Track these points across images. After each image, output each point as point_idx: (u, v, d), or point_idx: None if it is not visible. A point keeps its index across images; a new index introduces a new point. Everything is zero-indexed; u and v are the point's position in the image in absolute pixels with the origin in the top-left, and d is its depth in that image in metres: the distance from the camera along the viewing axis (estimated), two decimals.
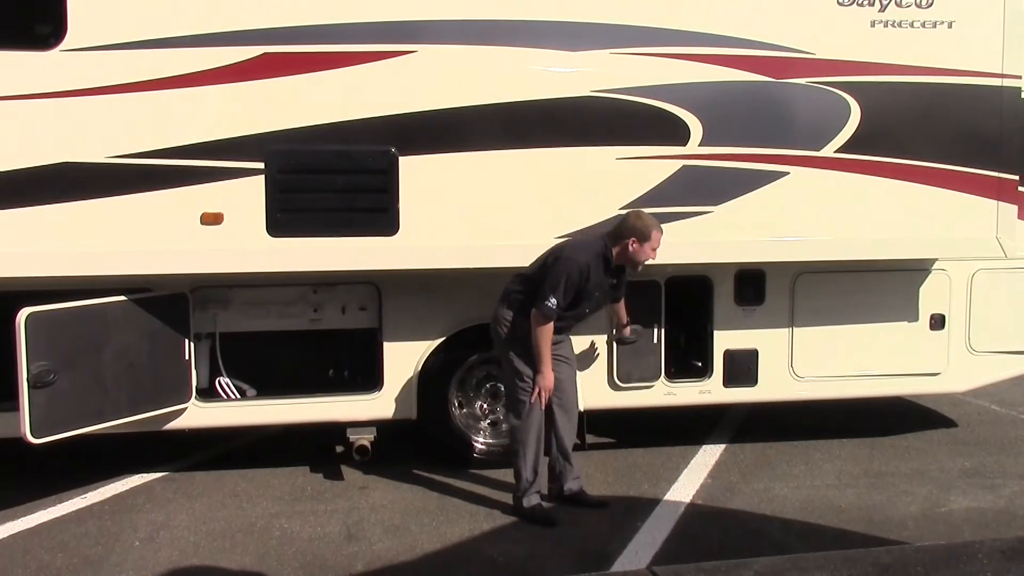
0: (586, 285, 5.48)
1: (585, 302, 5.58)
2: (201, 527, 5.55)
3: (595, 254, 5.53)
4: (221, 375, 6.24)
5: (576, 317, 5.68)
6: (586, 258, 5.48)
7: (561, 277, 5.41)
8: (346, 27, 5.72)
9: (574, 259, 5.46)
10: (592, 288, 5.53)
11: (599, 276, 5.54)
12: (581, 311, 5.65)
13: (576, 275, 5.43)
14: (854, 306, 6.82)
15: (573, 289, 5.44)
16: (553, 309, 5.40)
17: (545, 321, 5.43)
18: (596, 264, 5.51)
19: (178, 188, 5.59)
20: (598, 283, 5.55)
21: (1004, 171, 6.48)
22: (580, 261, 5.45)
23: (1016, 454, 7.00)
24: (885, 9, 6.27)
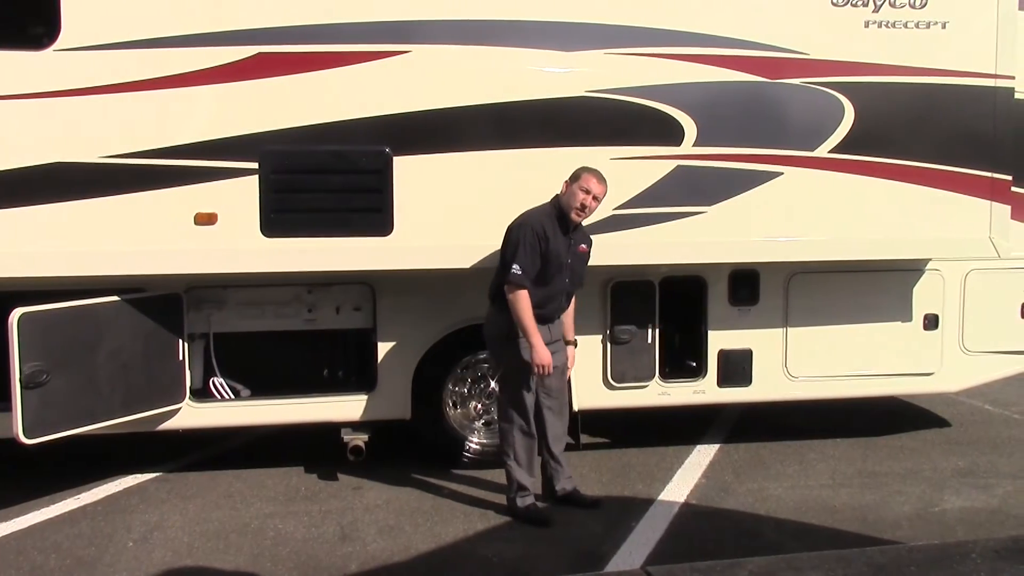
0: (548, 247, 5.44)
1: (557, 271, 5.52)
2: (195, 528, 5.54)
3: (545, 214, 5.52)
4: (215, 375, 6.23)
5: (558, 292, 5.60)
6: (537, 220, 5.48)
7: (517, 243, 5.40)
8: (341, 27, 5.71)
9: (525, 223, 5.46)
10: (556, 252, 5.48)
11: (557, 236, 5.49)
12: (560, 283, 5.58)
13: (531, 236, 5.40)
14: (848, 306, 6.83)
15: (535, 252, 5.41)
16: (520, 275, 5.37)
17: (517, 289, 5.38)
18: (550, 224, 5.48)
19: (172, 188, 5.58)
20: (559, 245, 5.50)
21: (997, 171, 6.49)
22: (532, 224, 5.45)
23: (1009, 454, 7.01)
24: (879, 9, 6.28)
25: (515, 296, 5.40)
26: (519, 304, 5.39)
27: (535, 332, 5.41)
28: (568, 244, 5.57)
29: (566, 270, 5.59)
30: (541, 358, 5.42)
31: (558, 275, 5.55)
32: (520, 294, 5.39)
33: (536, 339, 5.41)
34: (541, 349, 5.42)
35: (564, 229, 5.54)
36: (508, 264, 5.42)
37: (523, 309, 5.40)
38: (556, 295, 5.61)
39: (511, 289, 5.40)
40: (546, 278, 5.51)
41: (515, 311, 5.41)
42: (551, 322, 5.65)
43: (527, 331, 5.41)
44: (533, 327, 5.41)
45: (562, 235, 5.53)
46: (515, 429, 5.64)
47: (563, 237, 5.54)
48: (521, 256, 5.39)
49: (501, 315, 5.56)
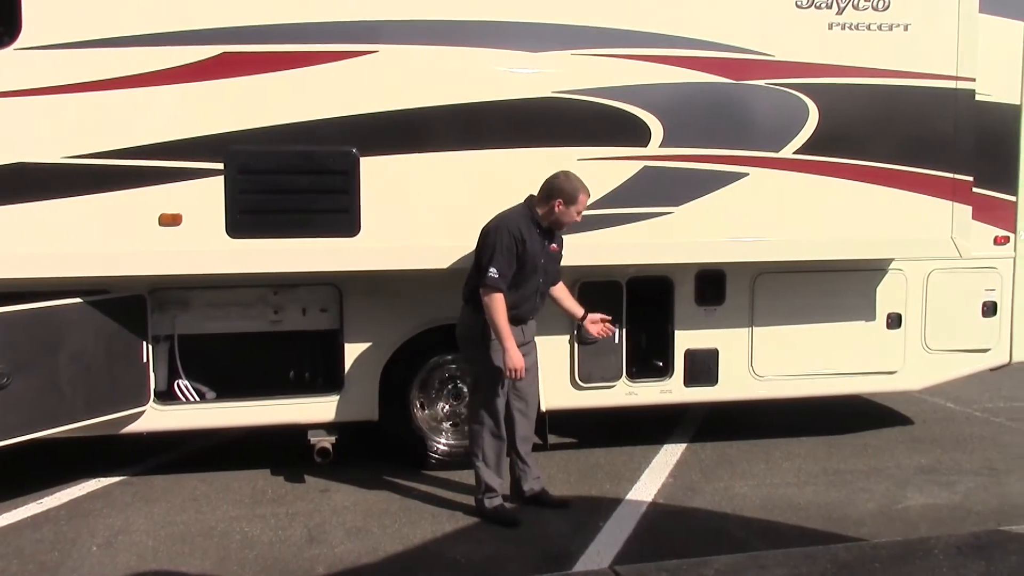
0: (525, 250, 5.43)
1: (532, 273, 5.51)
2: (160, 531, 5.48)
3: (521, 216, 5.50)
4: (180, 378, 6.18)
5: (531, 293, 5.58)
6: (514, 222, 5.45)
7: (494, 246, 5.37)
8: (307, 27, 5.68)
9: (501, 226, 5.43)
10: (532, 253, 5.47)
11: (533, 239, 5.48)
12: (534, 284, 5.57)
13: (508, 239, 5.38)
14: (813, 306, 6.89)
15: (512, 256, 5.39)
16: (496, 279, 5.34)
17: (492, 292, 5.35)
18: (526, 226, 5.47)
19: (136, 189, 5.52)
20: (535, 247, 5.49)
21: (959, 172, 6.57)
22: (508, 226, 5.42)
23: (971, 451, 7.11)
24: (843, 12, 6.34)
25: (491, 300, 5.37)
26: (495, 308, 5.37)
27: (509, 336, 5.39)
28: (543, 245, 5.57)
29: (540, 270, 5.59)
30: (514, 362, 5.39)
31: (533, 276, 5.55)
32: (496, 297, 5.37)
33: (510, 343, 5.39)
34: (515, 353, 5.40)
35: (539, 231, 5.54)
36: (484, 267, 5.39)
37: (498, 313, 5.37)
38: (530, 296, 5.61)
39: (487, 292, 5.37)
40: (521, 280, 5.50)
41: (490, 315, 5.39)
42: (524, 323, 5.64)
43: (501, 335, 5.39)
44: (508, 331, 5.39)
45: (537, 236, 5.52)
46: (485, 430, 5.64)
47: (538, 238, 5.53)
48: (497, 259, 5.36)
49: (474, 316, 5.55)
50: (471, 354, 5.71)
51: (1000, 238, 7.17)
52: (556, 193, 5.49)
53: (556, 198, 5.49)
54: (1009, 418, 8.00)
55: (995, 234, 7.14)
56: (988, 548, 4.85)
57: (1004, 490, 6.26)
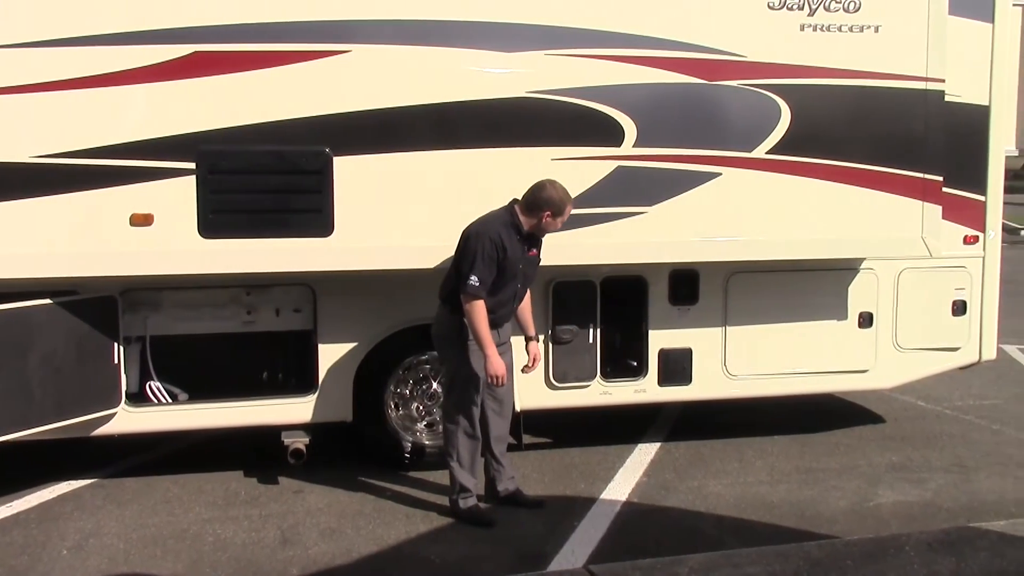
0: (505, 256, 5.41)
1: (511, 278, 5.50)
2: (131, 534, 5.44)
3: (503, 223, 5.47)
4: (152, 379, 6.13)
5: (509, 298, 5.58)
6: (495, 228, 5.42)
7: (475, 253, 5.34)
8: (279, 26, 5.65)
9: (483, 232, 5.40)
10: (513, 259, 5.45)
11: (514, 245, 5.46)
12: (512, 289, 5.56)
13: (489, 247, 5.35)
14: (785, 305, 6.94)
15: (492, 263, 5.36)
16: (477, 287, 5.32)
17: (473, 300, 5.33)
18: (508, 233, 5.44)
19: (106, 189, 5.47)
20: (516, 253, 5.47)
21: (929, 172, 6.63)
22: (490, 233, 5.39)
23: (941, 448, 7.18)
24: (814, 13, 6.38)
25: (472, 307, 5.35)
26: (476, 315, 5.34)
27: (491, 344, 5.38)
28: (523, 250, 5.55)
29: (520, 276, 5.58)
30: (496, 369, 5.38)
31: (512, 281, 5.53)
32: (477, 305, 5.34)
33: (492, 350, 5.37)
34: (496, 360, 5.38)
35: (520, 237, 5.51)
36: (465, 274, 5.35)
37: (480, 320, 5.35)
38: (508, 300, 5.60)
39: (467, 300, 5.34)
40: (500, 285, 5.47)
41: (471, 322, 5.37)
42: (500, 326, 5.63)
43: (483, 343, 5.37)
44: (489, 339, 5.37)
45: (518, 243, 5.50)
46: (460, 431, 5.63)
47: (519, 244, 5.50)
48: (478, 267, 5.33)
49: (451, 317, 5.53)
50: (447, 354, 5.70)
51: (969, 237, 7.24)
52: (545, 205, 5.47)
53: (545, 209, 5.47)
54: (978, 416, 8.08)
55: (964, 233, 7.22)
56: (958, 544, 4.91)
57: (974, 487, 6.33)
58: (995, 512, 5.79)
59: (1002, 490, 6.26)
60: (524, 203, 5.53)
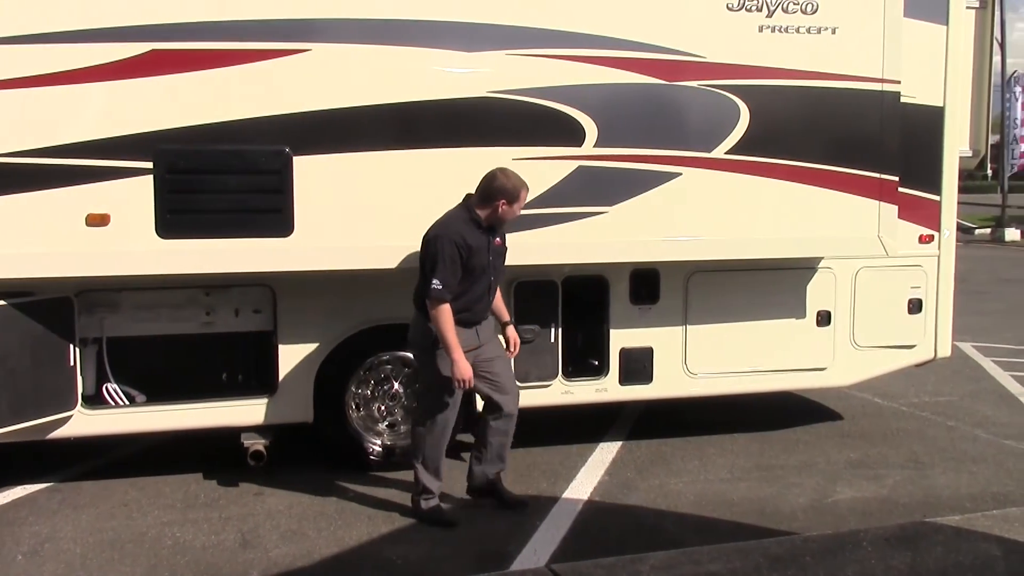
0: (471, 254, 5.37)
1: (481, 274, 5.45)
2: (88, 538, 5.37)
3: (462, 221, 5.43)
4: (109, 381, 6.05)
5: (483, 292, 5.52)
6: (455, 228, 5.38)
7: (437, 256, 5.30)
8: (238, 24, 5.60)
9: (443, 234, 5.36)
10: (479, 254, 5.41)
11: (478, 240, 5.42)
12: (484, 283, 5.51)
13: (450, 248, 5.31)
14: (745, 304, 6.99)
15: (456, 264, 5.32)
16: (441, 290, 5.28)
17: (438, 304, 5.28)
18: (468, 230, 5.40)
19: (61, 188, 5.40)
20: (480, 247, 5.43)
21: (885, 172, 6.72)
22: (450, 233, 5.35)
23: (898, 445, 7.27)
24: (772, 15, 6.44)
25: (437, 312, 5.30)
26: (441, 319, 5.30)
27: (457, 348, 5.32)
28: (488, 242, 5.50)
29: (490, 268, 5.53)
30: (462, 372, 5.33)
31: (483, 276, 5.49)
32: (442, 309, 5.30)
33: (458, 354, 5.32)
34: (463, 365, 5.33)
35: (481, 230, 5.47)
36: (428, 278, 5.31)
37: (445, 324, 5.30)
38: (482, 295, 5.54)
39: (433, 304, 5.30)
40: (472, 282, 5.43)
41: (437, 326, 5.32)
42: (479, 324, 5.57)
43: (449, 347, 5.31)
44: (455, 342, 5.32)
45: (481, 236, 5.45)
46: (429, 435, 5.60)
47: (482, 237, 5.46)
48: (441, 270, 5.29)
49: (425, 323, 5.45)
50: (421, 360, 5.65)
51: (925, 236, 7.35)
52: (498, 194, 5.45)
53: (499, 198, 5.44)
54: (934, 412, 8.20)
55: (920, 233, 7.32)
56: (914, 539, 4.97)
57: (929, 483, 6.42)
58: (950, 507, 5.87)
59: (957, 485, 6.36)
60: (477, 196, 5.50)
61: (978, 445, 7.27)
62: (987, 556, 4.79)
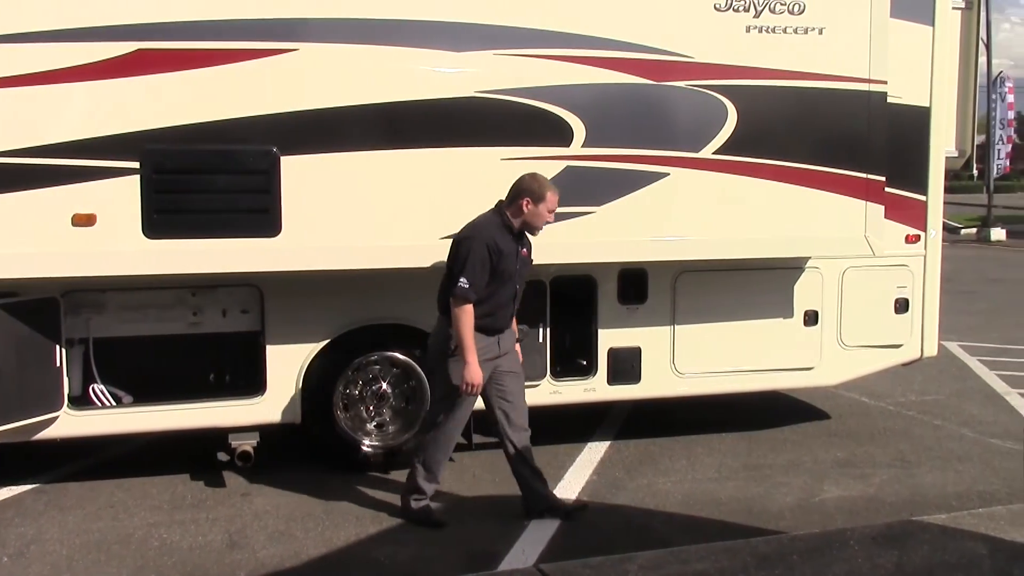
0: (500, 258, 5.33)
1: (508, 279, 5.41)
2: (75, 540, 5.34)
3: (495, 225, 5.41)
4: (95, 382, 6.03)
5: (508, 299, 5.48)
6: (487, 231, 5.35)
7: (468, 256, 5.26)
8: (225, 24, 5.59)
9: (474, 236, 5.33)
10: (509, 260, 5.38)
11: (509, 246, 5.39)
12: (510, 290, 5.47)
13: (482, 250, 5.27)
14: (732, 304, 7.01)
15: (485, 266, 5.28)
16: (467, 289, 5.23)
17: (462, 303, 5.24)
18: (500, 234, 5.37)
19: (47, 188, 5.38)
20: (510, 253, 5.40)
21: (871, 172, 6.74)
22: (483, 235, 5.33)
23: (884, 444, 7.30)
24: (760, 15, 6.46)
25: (460, 311, 5.25)
26: (463, 319, 5.25)
27: (472, 350, 5.28)
28: (516, 250, 5.47)
29: (516, 276, 5.50)
30: (472, 377, 5.28)
31: (509, 282, 5.45)
32: (465, 309, 5.25)
33: (472, 357, 5.27)
34: (474, 368, 5.29)
35: (512, 236, 5.44)
36: (455, 277, 5.27)
37: (465, 325, 5.26)
38: (507, 302, 5.50)
39: (457, 303, 5.25)
40: (498, 287, 5.38)
41: (457, 325, 5.27)
42: (501, 332, 5.51)
43: (464, 347, 5.26)
44: (472, 345, 5.28)
45: (511, 242, 5.42)
46: (436, 440, 5.54)
47: (512, 244, 5.43)
48: (469, 270, 5.24)
49: (449, 329, 5.38)
50: (438, 365, 5.55)
51: (911, 236, 7.38)
52: (523, 192, 5.43)
53: (523, 197, 5.42)
54: (920, 411, 8.23)
55: (906, 232, 7.36)
56: (901, 538, 4.99)
57: (916, 481, 6.45)
58: (936, 506, 5.90)
59: (943, 484, 6.38)
60: (507, 198, 5.48)
61: (964, 444, 7.30)
62: (973, 554, 4.81)
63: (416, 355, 6.41)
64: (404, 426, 6.49)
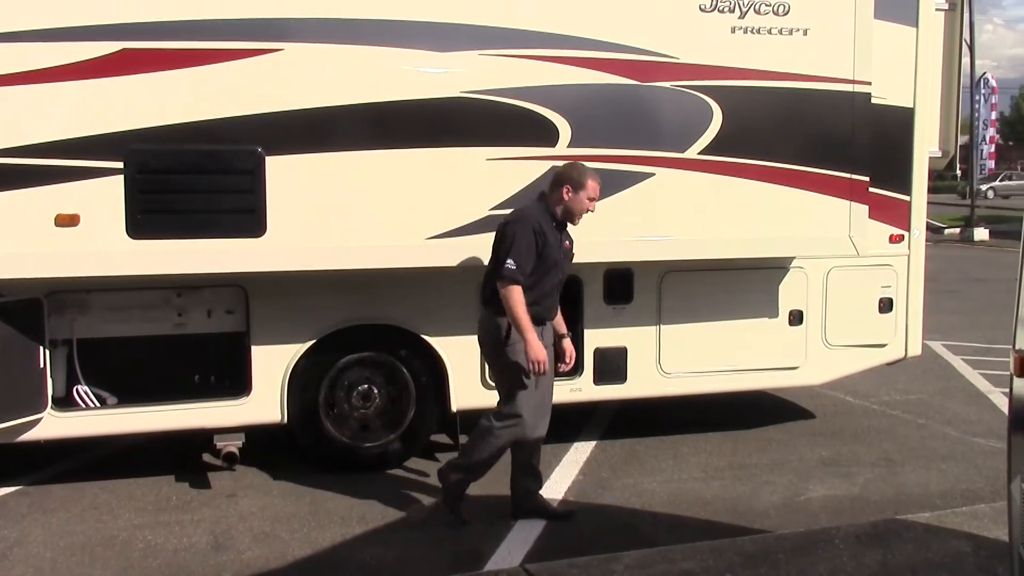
0: (546, 243, 5.30)
1: (552, 267, 5.38)
2: (58, 542, 5.32)
3: (539, 211, 5.40)
4: (79, 383, 6.00)
5: (552, 288, 5.45)
6: (533, 217, 5.34)
7: (514, 239, 5.22)
8: (210, 24, 5.57)
9: (521, 220, 5.31)
10: (552, 248, 5.35)
11: (552, 233, 5.37)
12: (554, 278, 5.43)
13: (529, 234, 5.24)
14: (718, 303, 7.02)
15: (531, 250, 5.24)
16: (514, 270, 5.16)
17: (511, 284, 5.16)
18: (544, 221, 5.36)
19: (30, 188, 5.35)
20: (554, 242, 5.38)
21: (856, 172, 6.77)
22: (529, 220, 5.31)
23: (869, 443, 7.33)
24: (745, 16, 6.48)
25: (509, 291, 5.17)
26: (513, 298, 5.16)
27: (530, 327, 5.19)
28: (559, 240, 5.46)
29: (559, 267, 5.47)
30: (537, 354, 5.17)
31: (553, 271, 5.42)
32: (514, 289, 5.17)
33: (531, 335, 5.18)
34: (536, 344, 5.19)
35: (555, 224, 5.44)
36: (502, 260, 5.22)
37: (517, 303, 5.16)
38: (551, 292, 5.47)
39: (504, 284, 5.18)
40: (543, 274, 5.35)
41: (509, 306, 5.18)
42: (544, 324, 5.45)
43: (522, 327, 5.17)
44: (528, 322, 5.18)
45: (555, 231, 5.42)
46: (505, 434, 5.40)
47: (556, 232, 5.42)
48: (515, 252, 5.20)
49: (496, 319, 5.34)
50: (494, 358, 5.49)
51: (895, 236, 7.41)
52: (563, 179, 5.44)
53: (564, 185, 5.42)
54: (904, 411, 8.27)
55: (890, 232, 7.39)
56: (885, 537, 5.01)
57: (900, 480, 6.48)
58: (920, 504, 5.93)
59: (927, 483, 6.42)
60: (548, 187, 5.50)
61: (948, 443, 7.34)
62: (957, 552, 4.84)
63: (402, 356, 6.42)
64: (389, 426, 6.47)
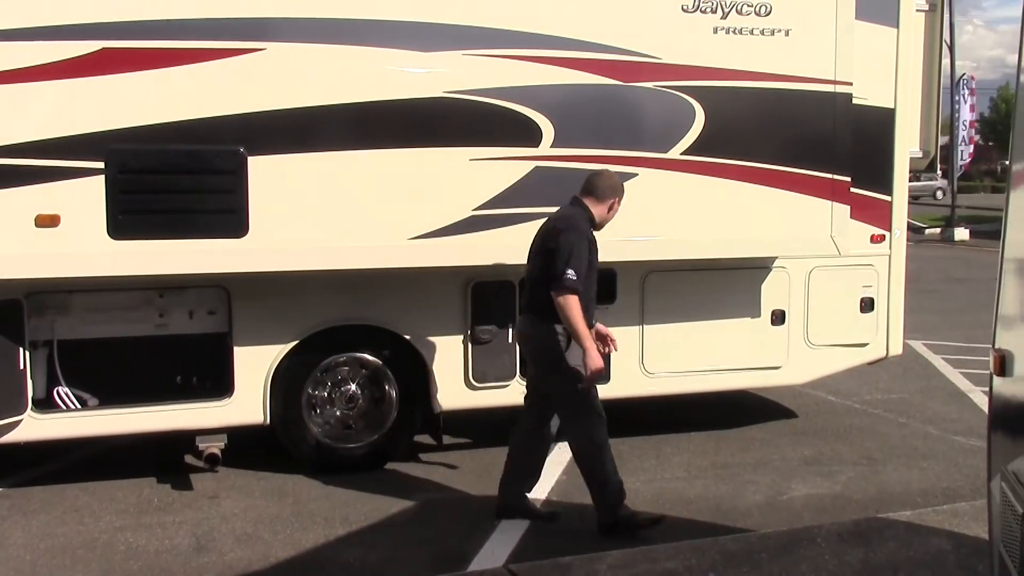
0: (593, 252, 5.29)
1: (594, 274, 5.36)
2: (39, 544, 5.28)
3: (583, 218, 5.38)
4: (60, 384, 5.96)
5: (592, 295, 5.39)
6: (584, 225, 5.32)
7: (572, 248, 5.17)
8: (192, 23, 5.55)
9: (575, 230, 5.26)
10: (596, 255, 5.35)
11: (595, 242, 5.37)
12: (594, 284, 5.40)
13: (584, 243, 5.22)
14: (701, 304, 7.04)
15: (585, 259, 5.21)
16: (575, 280, 5.11)
17: (569, 294, 5.10)
18: (588, 228, 5.36)
19: (9, 189, 5.31)
20: (597, 250, 5.38)
21: (837, 173, 6.81)
22: (583, 228, 5.28)
23: (851, 442, 7.37)
24: (727, 17, 6.50)
25: (568, 300, 5.11)
26: (572, 309, 5.10)
27: (589, 336, 5.17)
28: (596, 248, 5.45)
29: (595, 270, 5.44)
30: (596, 362, 5.16)
31: (594, 278, 5.40)
32: (573, 298, 5.11)
33: (590, 343, 5.15)
34: (595, 353, 5.17)
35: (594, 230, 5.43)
36: (561, 269, 5.11)
37: (577, 314, 5.11)
38: (594, 296, 5.46)
39: (562, 293, 5.10)
40: (590, 282, 5.33)
41: (569, 315, 5.11)
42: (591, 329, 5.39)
43: (582, 336, 5.13)
44: (587, 332, 5.16)
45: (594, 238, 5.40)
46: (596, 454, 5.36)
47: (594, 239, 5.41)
48: (575, 261, 5.15)
49: (543, 325, 5.30)
50: (553, 372, 5.39)
51: (876, 236, 7.45)
52: (612, 192, 5.45)
53: (613, 197, 5.44)
54: (886, 410, 8.32)
55: (872, 232, 7.43)
56: (867, 535, 5.04)
57: (881, 479, 6.51)
58: (902, 503, 5.96)
59: (908, 481, 6.45)
60: (597, 193, 5.42)
61: (928, 441, 7.38)
62: (938, 550, 4.87)
63: (385, 356, 6.41)
64: (372, 427, 6.46)
